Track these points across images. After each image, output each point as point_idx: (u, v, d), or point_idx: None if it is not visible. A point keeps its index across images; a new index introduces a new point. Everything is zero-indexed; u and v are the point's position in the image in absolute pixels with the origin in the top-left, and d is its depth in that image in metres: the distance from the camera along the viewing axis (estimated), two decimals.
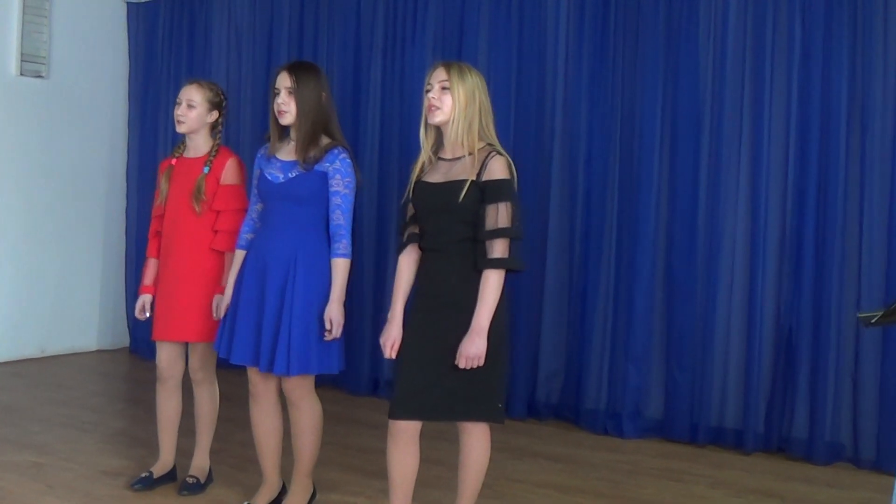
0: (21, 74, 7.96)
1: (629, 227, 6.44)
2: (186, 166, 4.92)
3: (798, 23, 5.98)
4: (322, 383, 4.65)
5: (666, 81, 6.37)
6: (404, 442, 3.94)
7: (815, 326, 5.96)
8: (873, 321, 2.71)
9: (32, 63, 8.02)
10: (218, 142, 4.96)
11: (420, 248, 4.05)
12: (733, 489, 5.41)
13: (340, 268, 4.40)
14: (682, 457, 6.02)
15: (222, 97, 5.00)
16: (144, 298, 5.02)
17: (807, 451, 5.95)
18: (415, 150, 6.51)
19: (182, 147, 5.01)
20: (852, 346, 5.91)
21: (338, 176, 4.39)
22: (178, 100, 4.94)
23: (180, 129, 4.91)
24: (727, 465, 5.86)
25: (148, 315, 5.01)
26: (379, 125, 7.38)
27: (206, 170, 4.84)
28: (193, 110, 4.87)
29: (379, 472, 4.13)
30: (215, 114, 4.95)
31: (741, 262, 6.21)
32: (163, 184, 4.96)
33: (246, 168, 5.02)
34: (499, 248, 3.81)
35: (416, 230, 4.05)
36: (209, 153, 4.90)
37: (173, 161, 4.98)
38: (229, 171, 4.89)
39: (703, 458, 6.01)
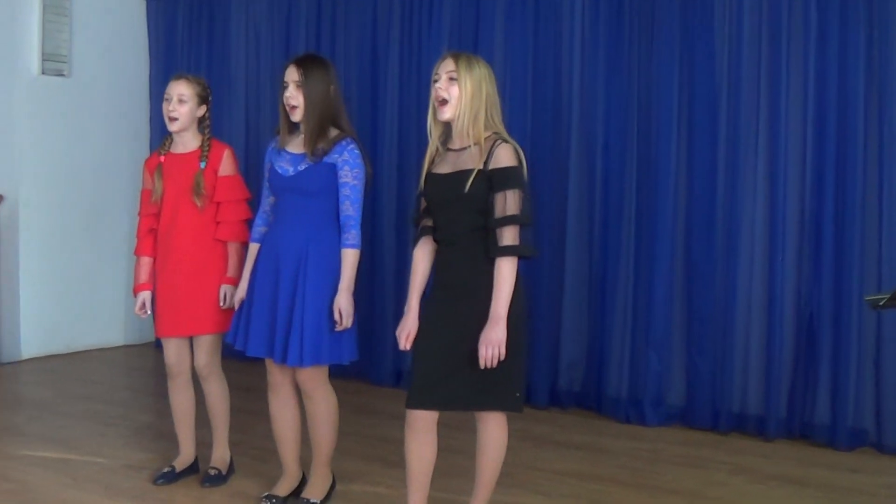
0: (43, 73, 8.02)
1: (648, 214, 6.44)
2: (178, 162, 4.92)
3: (813, 6, 5.94)
4: (345, 374, 4.70)
5: (682, 68, 6.34)
6: (421, 431, 3.96)
7: (836, 310, 5.93)
8: (881, 304, 2.71)
9: (54, 62, 8.08)
10: (209, 135, 4.97)
11: (434, 239, 4.07)
12: (754, 476, 5.40)
13: (349, 258, 4.44)
14: (704, 444, 6.01)
15: (209, 91, 5.02)
16: (144, 296, 5.00)
17: (829, 437, 5.92)
18: None
19: (168, 143, 5.01)
20: (874, 329, 5.87)
21: (346, 167, 4.42)
22: (166, 96, 4.92)
23: (173, 126, 4.89)
24: (749, 452, 5.85)
25: (149, 312, 5.02)
26: (397, 117, 7.39)
27: (202, 165, 4.86)
28: (185, 105, 4.88)
29: (399, 461, 4.16)
30: (203, 108, 4.96)
31: (760, 246, 6.18)
32: (156, 182, 4.94)
33: (238, 159, 5.08)
34: (509, 236, 3.82)
35: (430, 222, 4.07)
36: (202, 147, 4.92)
37: (162, 159, 4.96)
38: (226, 163, 4.92)
39: (724, 444, 6.01)
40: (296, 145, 4.52)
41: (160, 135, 8.53)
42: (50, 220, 8.16)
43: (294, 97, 4.43)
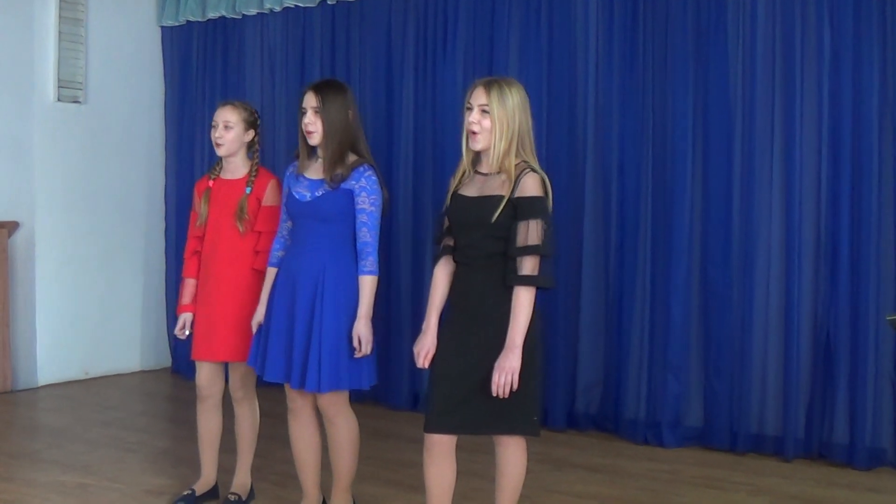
0: (59, 100, 8.08)
1: (664, 235, 6.45)
2: (226, 188, 4.95)
3: (827, 26, 5.96)
4: (362, 398, 4.69)
5: (696, 88, 6.36)
6: (440, 455, 3.96)
7: (852, 330, 5.93)
8: None
9: (69, 89, 8.14)
10: (257, 161, 4.98)
11: (454, 259, 4.07)
12: (773, 496, 5.39)
13: (367, 285, 4.43)
14: (722, 465, 6.00)
15: (257, 116, 5.02)
16: (185, 317, 5.04)
17: (848, 456, 5.91)
18: (448, 163, 6.58)
19: (218, 168, 5.04)
20: (891, 348, 5.86)
21: (364, 194, 4.42)
22: (213, 122, 4.95)
23: (220, 151, 4.92)
24: (767, 472, 5.84)
25: (188, 333, 5.04)
26: (412, 141, 7.43)
27: (248, 190, 4.89)
28: (231, 131, 4.90)
29: (419, 485, 4.16)
30: (251, 133, 4.97)
31: (777, 267, 6.18)
32: (202, 206, 4.98)
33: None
34: (528, 266, 3.81)
35: (452, 242, 4.07)
36: (249, 173, 4.94)
37: (210, 183, 5.00)
38: (270, 193, 4.93)
39: (743, 465, 6.00)
40: (314, 171, 4.52)
41: (176, 161, 8.64)
42: (66, 246, 8.20)
43: (312, 123, 4.42)
